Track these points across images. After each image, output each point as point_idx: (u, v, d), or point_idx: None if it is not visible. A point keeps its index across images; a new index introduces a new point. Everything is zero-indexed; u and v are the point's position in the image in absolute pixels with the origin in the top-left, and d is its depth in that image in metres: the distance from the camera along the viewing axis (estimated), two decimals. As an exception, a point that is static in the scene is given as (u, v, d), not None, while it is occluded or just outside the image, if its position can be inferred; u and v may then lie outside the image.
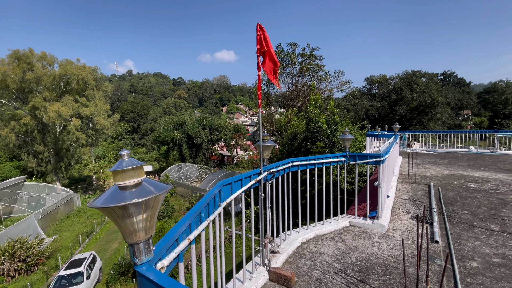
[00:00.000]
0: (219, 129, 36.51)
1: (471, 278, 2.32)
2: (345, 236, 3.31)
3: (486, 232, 3.27)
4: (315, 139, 14.28)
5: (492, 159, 9.37)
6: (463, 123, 54.31)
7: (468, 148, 12.53)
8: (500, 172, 6.89)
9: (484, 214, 3.88)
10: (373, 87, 48.08)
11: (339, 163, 3.70)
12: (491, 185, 5.54)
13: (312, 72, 30.78)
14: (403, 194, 5.10)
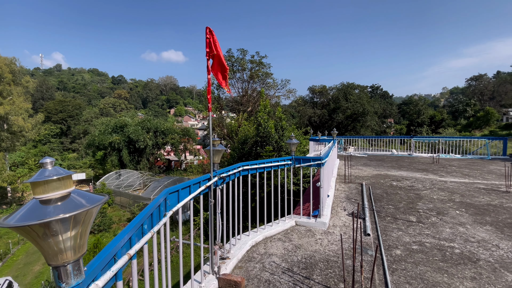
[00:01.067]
0: (166, 133, 34.56)
1: (396, 264, 2.68)
2: (291, 235, 3.48)
3: (406, 223, 3.84)
4: (264, 143, 14.72)
5: (409, 160, 11.09)
6: (387, 129, 62.90)
7: (391, 151, 14.55)
8: (416, 172, 8.20)
9: (405, 207, 4.55)
10: (315, 96, 52.16)
11: (286, 166, 3.88)
12: (409, 183, 6.55)
13: (261, 79, 31.85)
14: (340, 193, 5.63)
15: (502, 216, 4.00)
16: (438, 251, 2.94)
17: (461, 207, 4.46)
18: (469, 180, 6.72)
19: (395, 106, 68.30)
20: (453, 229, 3.54)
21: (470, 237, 3.28)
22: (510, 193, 5.39)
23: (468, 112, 62.60)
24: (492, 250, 2.92)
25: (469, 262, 2.67)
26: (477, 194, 5.34)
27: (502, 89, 66.78)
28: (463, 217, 4.00)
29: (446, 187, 5.96)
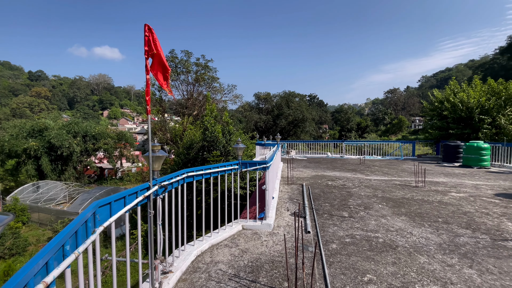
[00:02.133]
0: (97, 137, 30.77)
1: (332, 258, 2.93)
2: (238, 240, 3.47)
3: (340, 218, 4.24)
4: (211, 148, 14.46)
5: (342, 162, 12.38)
6: (323, 134, 69.01)
7: (327, 154, 16.00)
8: (347, 172, 9.19)
9: (338, 204, 5.04)
10: (260, 102, 54.04)
11: (233, 170, 3.88)
12: (341, 182, 7.29)
13: (208, 82, 31.39)
14: (284, 194, 5.91)
15: (413, 207, 4.79)
16: (366, 241, 3.33)
17: (382, 202, 5.18)
18: (388, 178, 7.87)
19: (329, 113, 75.94)
20: (377, 221, 4.08)
21: (390, 227, 3.83)
22: (418, 187, 6.51)
23: (386, 120, 73.54)
24: (407, 237, 3.46)
25: (390, 249, 3.10)
26: (394, 189, 6.29)
27: (411, 101, 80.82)
28: (385, 210, 4.65)
29: (371, 185, 6.85)
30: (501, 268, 2.62)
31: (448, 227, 3.76)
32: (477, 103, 12.54)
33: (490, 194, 5.71)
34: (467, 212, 4.44)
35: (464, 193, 5.81)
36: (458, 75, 71.72)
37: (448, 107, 13.52)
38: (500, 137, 12.00)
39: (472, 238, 3.37)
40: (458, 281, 2.41)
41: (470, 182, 7.10)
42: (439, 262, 2.77)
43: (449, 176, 8.07)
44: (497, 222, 3.96)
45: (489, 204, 4.94)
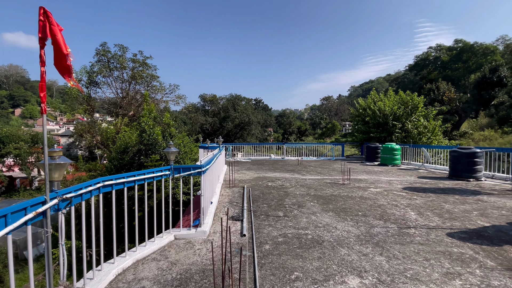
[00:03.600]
0: (5, 140, 25.46)
1: (264, 259, 2.96)
2: (168, 252, 3.23)
3: (275, 218, 4.37)
4: (150, 152, 13.41)
5: (282, 163, 12.98)
6: (268, 137, 71.62)
7: (270, 156, 16.58)
8: (286, 172, 9.65)
9: (275, 204, 5.20)
10: (206, 104, 53.00)
11: (164, 177, 3.61)
12: (280, 182, 7.60)
13: (146, 81, 29.21)
14: (225, 198, 5.83)
15: (339, 203, 5.27)
16: (297, 239, 3.49)
17: (314, 199, 5.57)
18: (320, 177, 8.56)
19: (274, 117, 79.55)
20: (308, 218, 4.35)
21: (319, 223, 4.12)
22: (344, 185, 7.23)
23: (322, 124, 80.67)
24: (332, 232, 3.76)
25: (317, 245, 3.31)
26: (325, 187, 6.85)
27: (342, 107, 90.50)
28: (315, 207, 5.00)
29: (306, 184, 7.33)
30: (405, 253, 3.06)
31: (366, 220, 4.25)
32: (391, 111, 14.81)
33: (399, 188, 6.74)
34: (381, 205, 5.11)
35: (380, 188, 6.71)
36: (378, 86, 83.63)
37: (370, 114, 15.59)
38: (408, 140, 14.39)
39: (383, 228, 3.86)
40: (370, 268, 2.71)
41: (385, 178, 8.26)
42: (356, 252, 3.07)
43: (369, 174, 9.24)
44: (403, 212, 4.66)
45: (398, 197, 5.80)
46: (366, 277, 2.54)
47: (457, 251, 3.09)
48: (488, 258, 2.90)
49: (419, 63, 56.60)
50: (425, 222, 4.09)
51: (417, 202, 5.30)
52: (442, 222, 4.11)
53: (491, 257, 2.94)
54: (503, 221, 4.18)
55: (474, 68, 44.40)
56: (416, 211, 4.67)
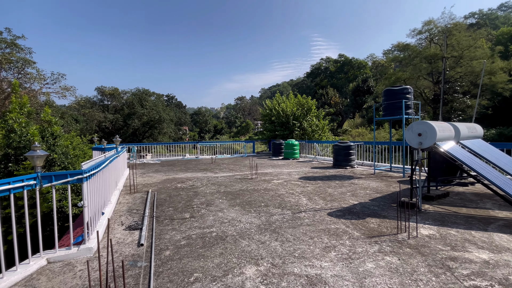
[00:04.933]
0: None
1: (163, 267, 2.75)
2: (38, 281, 2.57)
3: (181, 221, 4.17)
4: (22, 157, 10.46)
5: (196, 162, 12.64)
6: (183, 136, 68.69)
7: (185, 155, 15.87)
8: (198, 172, 9.43)
9: (183, 206, 4.98)
10: (105, 98, 45.83)
11: (27, 188, 2.84)
12: (191, 183, 7.35)
13: (17, 66, 22.74)
14: (123, 206, 5.15)
15: (246, 197, 5.52)
16: (201, 239, 3.43)
17: (223, 196, 5.65)
18: (232, 173, 8.79)
19: (189, 115, 76.74)
20: (215, 215, 4.35)
21: (225, 219, 4.19)
22: (253, 179, 7.66)
23: (237, 123, 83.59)
24: (236, 226, 3.88)
25: (220, 241, 3.34)
26: (235, 183, 7.07)
27: (254, 108, 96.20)
28: (223, 203, 5.07)
29: (217, 181, 7.36)
30: (295, 235, 3.47)
31: (267, 210, 4.61)
32: (291, 112, 16.77)
33: (296, 178, 7.68)
34: (281, 194, 5.67)
35: (281, 180, 7.45)
36: (283, 90, 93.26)
37: (275, 114, 17.18)
38: (305, 136, 16.65)
39: (281, 215, 4.28)
40: (266, 254, 2.93)
41: (286, 170, 9.27)
42: (256, 242, 3.28)
43: (274, 167, 10.15)
44: (297, 199, 5.31)
45: (294, 186, 6.59)
46: (262, 264, 2.73)
47: (334, 227, 3.75)
48: (355, 230, 3.64)
49: (314, 72, 66.27)
50: (313, 206, 4.80)
51: (309, 189, 6.16)
52: (325, 204, 4.93)
53: (357, 228, 3.70)
54: (367, 198, 5.37)
55: (352, 78, 55.75)
56: (307, 197, 5.42)
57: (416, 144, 4.68)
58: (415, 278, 2.39)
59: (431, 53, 28.14)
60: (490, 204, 4.77)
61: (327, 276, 2.46)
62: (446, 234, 3.43)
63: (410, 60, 30.51)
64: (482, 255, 2.82)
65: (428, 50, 28.77)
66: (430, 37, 30.55)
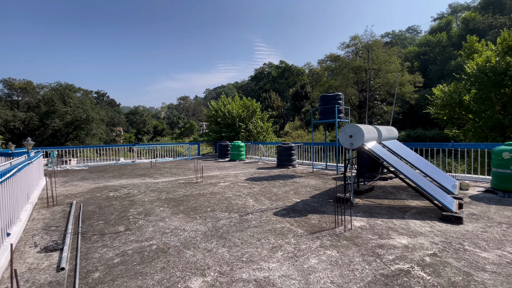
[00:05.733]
0: None
1: (90, 292, 2.35)
2: None
3: (114, 236, 3.67)
4: None
5: (132, 167, 11.49)
6: (117, 138, 62.15)
7: (119, 160, 14.27)
8: (135, 178, 8.58)
9: (116, 219, 4.41)
10: (15, 93, 38.04)
11: None
12: (126, 190, 6.61)
13: None
14: (37, 223, 4.27)
15: (190, 203, 5.24)
16: (139, 254, 3.07)
17: (165, 204, 5.24)
18: (175, 178, 8.27)
19: (123, 115, 69.69)
20: (155, 226, 3.98)
21: (166, 229, 3.86)
22: (198, 183, 7.35)
23: (180, 124, 79.86)
24: (180, 235, 3.61)
25: (162, 254, 3.05)
26: (178, 188, 6.66)
27: (199, 108, 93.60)
28: (165, 212, 4.70)
29: (158, 188, 6.81)
30: (243, 239, 3.42)
31: (213, 214, 4.45)
32: (237, 113, 16.87)
33: (243, 180, 7.70)
34: (227, 197, 5.57)
35: (228, 182, 7.36)
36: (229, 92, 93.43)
37: (221, 115, 17.01)
38: (250, 138, 16.95)
39: (228, 219, 4.19)
40: (213, 263, 2.80)
41: (233, 172, 9.22)
42: (202, 250, 3.11)
43: (221, 170, 9.99)
44: (244, 201, 5.30)
45: (241, 187, 6.58)
46: (208, 274, 2.59)
47: (280, 226, 3.85)
48: (299, 227, 3.81)
49: (258, 75, 68.32)
50: (259, 207, 4.86)
51: (255, 190, 6.24)
52: (271, 204, 5.05)
53: (300, 226, 3.88)
54: (308, 196, 5.72)
55: (292, 84, 59.54)
56: (253, 198, 5.47)
57: (348, 144, 5.20)
58: (352, 268, 2.61)
59: (356, 65, 32.16)
60: (405, 195, 5.64)
61: (275, 277, 2.48)
62: (374, 224, 3.88)
63: (340, 70, 34.25)
64: (402, 240, 3.28)
65: (354, 62, 32.77)
66: (356, 50, 34.88)
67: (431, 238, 3.31)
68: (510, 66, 12.53)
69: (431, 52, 44.23)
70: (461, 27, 45.26)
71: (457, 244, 3.12)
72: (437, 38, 45.22)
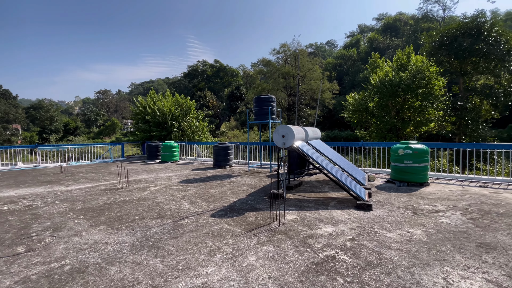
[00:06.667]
0: None
1: None
2: None
3: (11, 259, 2.92)
4: None
5: (34, 173, 9.43)
6: (13, 138, 50.38)
7: (15, 165, 11.49)
8: (39, 186, 7.06)
9: (13, 238, 3.52)
10: None
11: None
12: (26, 202, 5.37)
13: None
14: None
15: (113, 212, 4.62)
16: (46, 278, 2.52)
17: (80, 215, 4.47)
18: (93, 184, 7.17)
19: (22, 109, 56.62)
20: (68, 243, 3.35)
21: (84, 244, 3.30)
22: (122, 188, 6.55)
23: (99, 121, 69.91)
24: (102, 250, 3.13)
25: (78, 275, 2.58)
26: (98, 196, 5.79)
27: (123, 104, 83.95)
28: (81, 224, 4.00)
29: (70, 197, 5.76)
30: (178, 246, 3.21)
31: (143, 223, 4.04)
32: (169, 111, 15.85)
33: (177, 182, 7.27)
34: (159, 203, 5.16)
35: (159, 186, 6.83)
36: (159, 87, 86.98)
37: (150, 112, 15.65)
38: (184, 138, 16.18)
39: (160, 227, 3.87)
40: (144, 277, 2.53)
41: (165, 175, 8.61)
42: (130, 264, 2.77)
43: (150, 172, 9.19)
44: (178, 205, 5.01)
45: (175, 191, 6.20)
46: (139, 289, 2.32)
47: (217, 228, 3.78)
48: (237, 227, 3.82)
49: (191, 73, 65.88)
50: (196, 210, 4.67)
51: (191, 193, 5.97)
52: (208, 205, 4.92)
53: (238, 225, 3.89)
54: (245, 194, 5.81)
55: (227, 84, 59.75)
56: (189, 201, 5.22)
57: (281, 144, 5.53)
58: (287, 261, 2.77)
59: (286, 71, 34.65)
60: (327, 188, 6.36)
61: (214, 281, 2.41)
62: (304, 216, 4.23)
63: (272, 74, 36.29)
64: (327, 229, 3.68)
65: (284, 68, 35.23)
66: (285, 57, 37.54)
67: (349, 225, 3.82)
68: (402, 80, 15.69)
69: (345, 64, 51.47)
70: (367, 45, 54.20)
71: (369, 228, 3.69)
72: (349, 53, 52.88)
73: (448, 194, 5.62)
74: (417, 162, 6.30)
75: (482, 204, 4.79)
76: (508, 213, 4.25)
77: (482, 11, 21.78)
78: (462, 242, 3.20)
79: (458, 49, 18.78)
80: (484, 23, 18.92)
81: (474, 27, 18.96)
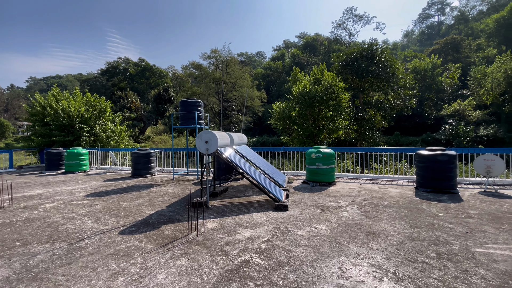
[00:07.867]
0: None
1: None
2: None
3: None
4: None
5: None
6: None
7: None
8: None
9: None
10: None
11: None
12: None
13: None
14: None
15: (-20, 241, 3.56)
16: None
17: None
18: (-47, 207, 5.41)
19: None
20: None
21: None
22: (3, 208, 5.17)
23: (-23, 123, 54.28)
24: (-51, 294, 2.34)
25: None
26: (-42, 222, 4.38)
27: (17, 102, 67.70)
28: None
29: None
30: (70, 274, 2.68)
31: (25, 250, 3.25)
32: (78, 112, 13.56)
33: (82, 197, 6.21)
34: (53, 223, 4.27)
35: (57, 202, 5.68)
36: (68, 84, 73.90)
37: (51, 113, 13.03)
38: (97, 143, 14.09)
39: (49, 252, 3.18)
40: (12, 321, 2.00)
41: (68, 188, 7.25)
42: (-7, 308, 2.15)
43: (48, 186, 7.59)
44: (79, 223, 4.25)
45: (77, 207, 5.26)
46: None
47: (125, 246, 3.36)
48: (149, 243, 3.47)
49: (110, 70, 58.54)
50: (101, 227, 4.05)
51: (98, 208, 5.18)
52: (117, 221, 4.34)
53: (151, 240, 3.55)
54: (164, 205, 5.40)
55: (154, 85, 55.54)
56: (93, 218, 4.50)
57: (204, 150, 5.41)
58: (200, 273, 2.66)
59: (217, 76, 34.72)
60: (251, 192, 6.55)
61: (111, 310, 2.10)
62: (225, 223, 4.21)
63: (203, 78, 35.76)
64: (246, 233, 3.74)
65: (215, 73, 35.22)
66: (216, 63, 37.61)
67: (267, 227, 4.00)
68: (317, 93, 17.81)
69: (272, 75, 55.22)
70: (290, 60, 59.62)
71: (283, 228, 3.94)
72: (276, 65, 57.05)
73: (349, 191, 6.57)
74: (326, 164, 7.17)
75: (373, 198, 5.78)
76: (390, 205, 5.24)
77: (375, 39, 27.04)
78: (356, 232, 3.75)
79: (358, 70, 22.68)
80: (377, 50, 23.46)
81: (370, 52, 23.29)
